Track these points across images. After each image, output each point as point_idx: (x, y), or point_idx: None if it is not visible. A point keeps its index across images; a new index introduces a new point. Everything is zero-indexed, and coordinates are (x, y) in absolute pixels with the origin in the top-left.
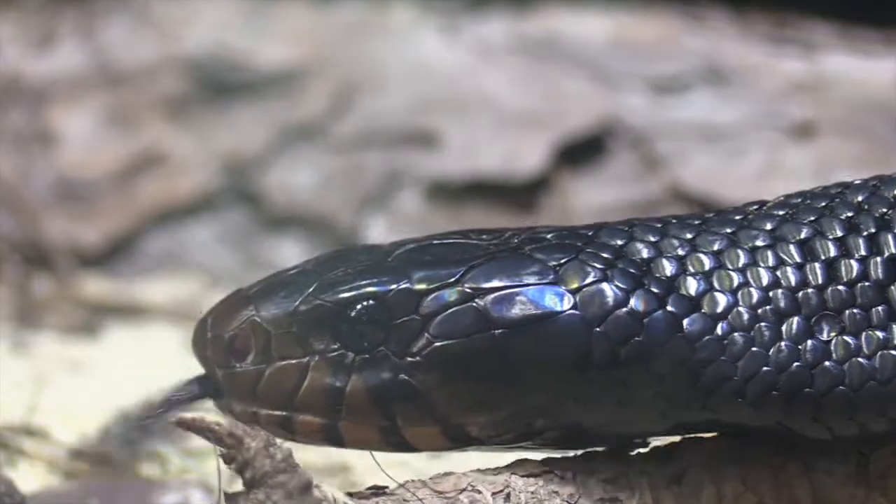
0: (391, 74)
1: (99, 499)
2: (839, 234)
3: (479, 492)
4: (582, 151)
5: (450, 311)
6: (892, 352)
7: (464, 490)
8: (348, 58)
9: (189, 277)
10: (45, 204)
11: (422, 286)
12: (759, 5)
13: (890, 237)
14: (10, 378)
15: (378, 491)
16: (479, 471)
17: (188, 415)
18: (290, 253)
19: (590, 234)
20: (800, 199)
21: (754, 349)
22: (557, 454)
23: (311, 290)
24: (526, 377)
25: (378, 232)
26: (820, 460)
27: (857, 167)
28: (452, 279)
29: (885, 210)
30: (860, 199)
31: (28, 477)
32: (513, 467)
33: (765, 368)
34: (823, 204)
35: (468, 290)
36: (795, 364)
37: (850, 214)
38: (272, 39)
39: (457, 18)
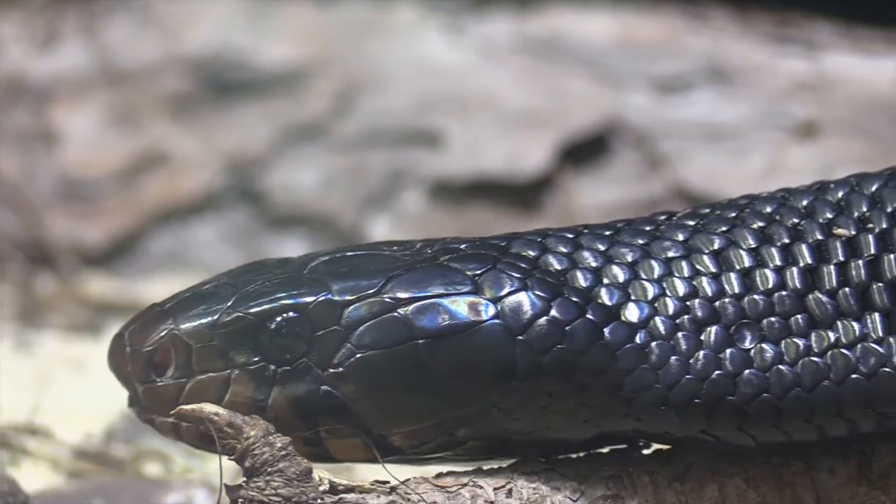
0: (394, 74)
1: (102, 498)
2: (753, 244)
3: (481, 487)
4: (585, 151)
5: (372, 321)
6: (815, 359)
7: (465, 485)
8: (352, 57)
9: (192, 277)
10: (48, 203)
11: (343, 297)
12: (762, 5)
13: (804, 247)
14: (14, 377)
15: (380, 485)
16: (480, 469)
17: (187, 406)
18: (293, 252)
19: (503, 244)
20: (708, 210)
21: (675, 358)
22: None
23: (230, 302)
24: (449, 387)
25: (381, 231)
26: (822, 459)
27: (860, 166)
28: (373, 290)
29: (796, 221)
30: (769, 210)
31: (32, 476)
32: (515, 465)
33: (687, 377)
34: (733, 215)
35: (389, 301)
36: (717, 372)
37: (761, 225)
38: (275, 39)
39: (460, 18)
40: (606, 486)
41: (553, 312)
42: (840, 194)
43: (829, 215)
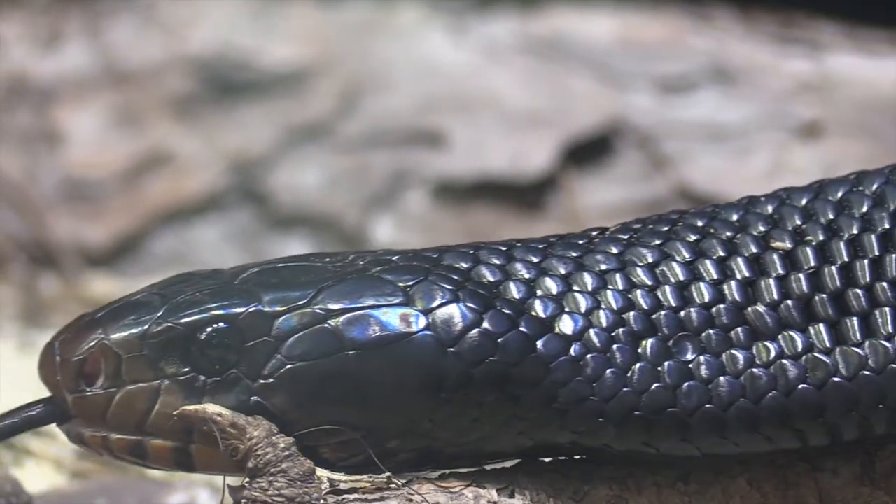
0: (398, 74)
1: (106, 498)
2: (688, 257)
3: (484, 487)
4: (589, 151)
5: (302, 332)
6: (760, 370)
7: (469, 486)
8: (355, 57)
9: None
10: (51, 203)
11: (273, 308)
12: (766, 5)
13: (740, 261)
14: (17, 378)
15: (383, 486)
16: (483, 469)
17: (190, 407)
18: (296, 252)
19: (435, 256)
20: (640, 225)
21: (611, 370)
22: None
23: (160, 313)
24: (380, 398)
25: (385, 231)
26: (826, 460)
27: (863, 166)
28: (303, 301)
29: (730, 234)
30: (701, 224)
31: (35, 477)
32: (518, 466)
33: (624, 389)
34: (666, 228)
35: (320, 312)
36: (656, 384)
37: (695, 238)
38: (279, 39)
39: (464, 18)
40: (609, 488)
41: (485, 324)
42: (770, 208)
43: (763, 228)
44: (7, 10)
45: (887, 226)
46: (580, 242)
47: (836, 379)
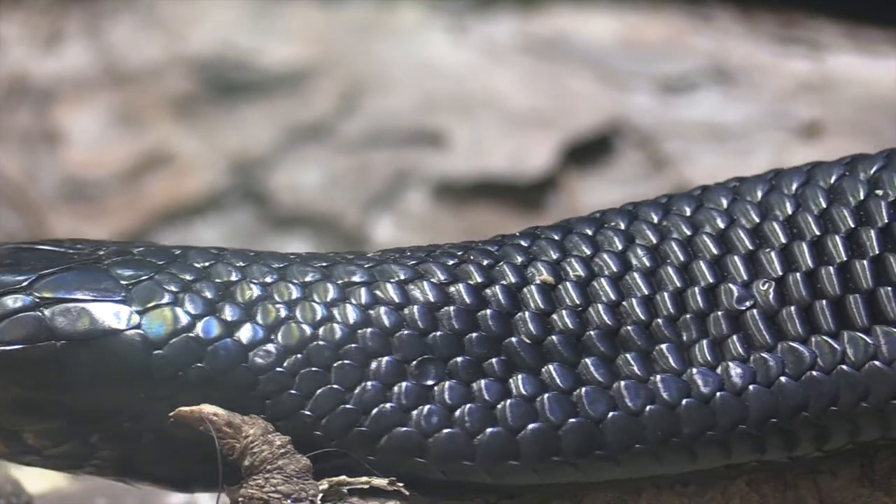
0: (398, 74)
1: (106, 499)
2: (442, 278)
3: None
4: (589, 151)
5: (13, 317)
6: (519, 400)
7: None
8: (355, 58)
9: None
10: (51, 203)
11: None
12: (766, 5)
13: (498, 289)
14: None
15: (383, 486)
16: None
17: (185, 408)
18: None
19: (177, 253)
20: (398, 255)
21: (332, 386)
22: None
23: None
24: (81, 391)
25: (385, 231)
26: (825, 461)
27: None
28: (20, 286)
29: (490, 262)
30: (460, 253)
31: (35, 477)
32: None
33: (345, 406)
34: (423, 255)
35: (34, 299)
36: (389, 405)
37: (453, 262)
38: (279, 39)
39: (464, 18)
40: (608, 489)
41: (197, 329)
42: (525, 243)
43: (520, 259)
44: (7, 10)
45: (656, 262)
46: (328, 254)
47: (617, 412)
